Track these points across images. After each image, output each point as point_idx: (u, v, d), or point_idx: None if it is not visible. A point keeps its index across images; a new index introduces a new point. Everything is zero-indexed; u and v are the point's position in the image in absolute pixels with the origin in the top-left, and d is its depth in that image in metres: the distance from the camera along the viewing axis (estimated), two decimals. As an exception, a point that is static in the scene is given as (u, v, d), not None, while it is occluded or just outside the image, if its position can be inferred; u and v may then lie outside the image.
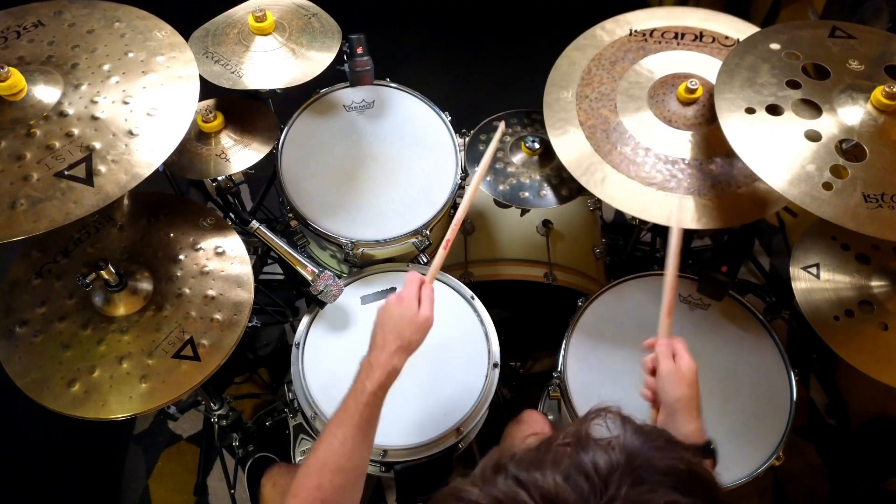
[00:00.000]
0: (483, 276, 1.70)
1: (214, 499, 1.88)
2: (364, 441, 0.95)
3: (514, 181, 1.58)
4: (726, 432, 1.30)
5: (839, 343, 1.30)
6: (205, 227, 1.35)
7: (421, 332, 1.04)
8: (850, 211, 1.05)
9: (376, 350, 1.01)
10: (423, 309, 1.04)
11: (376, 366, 0.99)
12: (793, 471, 1.91)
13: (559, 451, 0.52)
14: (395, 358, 1.00)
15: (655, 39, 1.50)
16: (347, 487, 0.92)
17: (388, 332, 1.02)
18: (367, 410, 0.96)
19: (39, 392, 1.13)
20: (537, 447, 0.53)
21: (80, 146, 1.04)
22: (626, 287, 1.49)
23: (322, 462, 0.92)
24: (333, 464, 0.92)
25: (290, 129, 1.58)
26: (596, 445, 0.51)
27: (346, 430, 0.94)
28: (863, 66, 1.22)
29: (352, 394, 0.98)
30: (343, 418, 0.95)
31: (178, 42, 1.21)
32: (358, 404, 0.96)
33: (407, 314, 1.03)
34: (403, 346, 1.01)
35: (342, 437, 0.93)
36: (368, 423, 0.96)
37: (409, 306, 1.04)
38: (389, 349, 1.00)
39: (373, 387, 0.96)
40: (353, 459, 0.93)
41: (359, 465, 0.95)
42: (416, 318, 1.03)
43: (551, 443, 0.53)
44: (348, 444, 0.93)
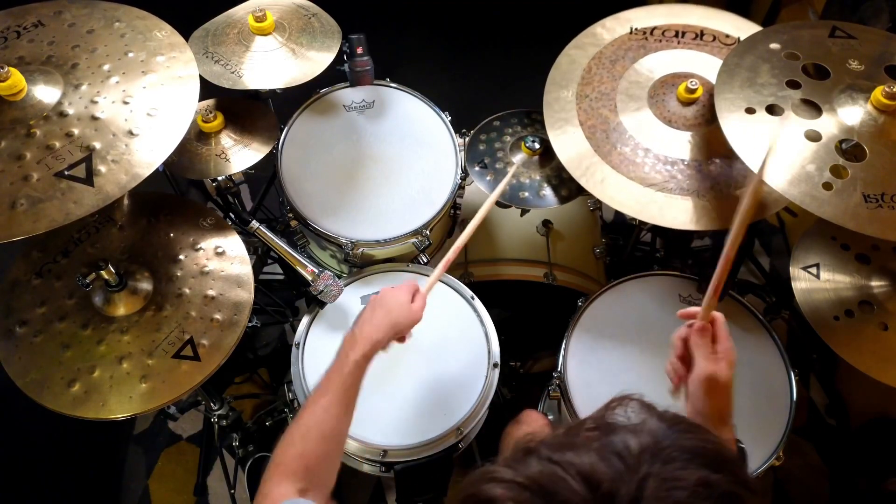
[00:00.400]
0: (483, 276, 1.70)
1: (214, 499, 1.88)
2: (346, 410, 0.97)
3: (514, 181, 1.58)
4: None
5: (839, 343, 1.30)
6: (205, 227, 1.35)
7: (409, 318, 1.07)
8: (850, 211, 1.05)
9: (362, 323, 1.04)
10: (416, 302, 1.09)
11: (360, 337, 1.01)
12: (793, 471, 1.91)
13: (587, 435, 0.53)
14: (379, 332, 1.02)
15: (656, 38, 1.49)
16: (330, 456, 0.94)
17: (377, 308, 1.05)
18: (350, 379, 0.98)
19: (39, 392, 1.14)
20: (565, 432, 0.54)
21: (80, 146, 1.04)
22: (626, 287, 1.49)
23: (305, 429, 0.93)
24: (317, 431, 0.93)
25: (290, 129, 1.58)
26: (623, 430, 0.52)
27: (329, 398, 0.95)
28: (863, 66, 1.22)
29: (335, 364, 1.00)
30: (326, 387, 0.97)
31: (178, 42, 1.21)
32: (341, 374, 0.97)
33: (400, 298, 1.07)
34: (390, 323, 1.04)
35: (325, 405, 0.95)
36: (351, 392, 0.98)
37: (404, 295, 1.08)
38: (375, 322, 1.03)
39: (356, 357, 0.98)
40: (336, 427, 0.95)
41: (341, 432, 0.97)
42: (409, 305, 1.07)
43: (579, 428, 0.54)
44: (331, 411, 0.95)
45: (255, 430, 1.89)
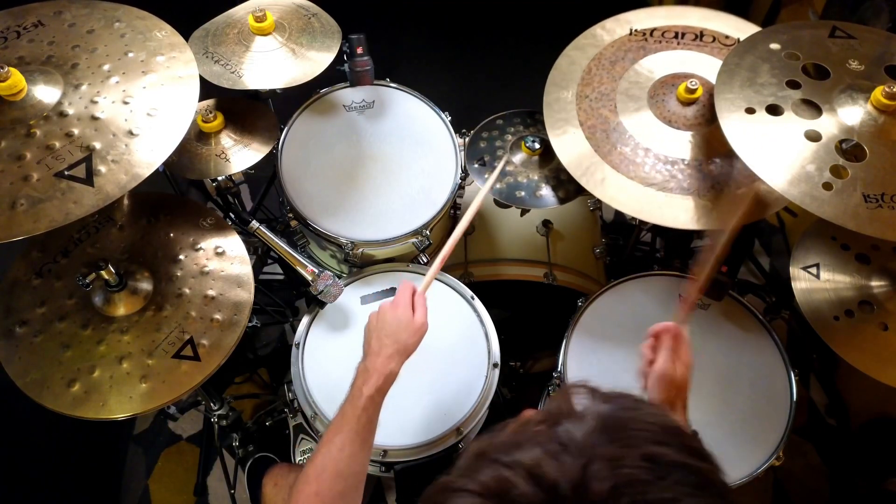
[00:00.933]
0: (483, 276, 1.70)
1: (214, 499, 1.88)
2: (363, 447, 0.95)
3: (514, 181, 1.58)
4: (726, 432, 1.29)
5: (839, 343, 1.30)
6: (205, 227, 1.35)
7: (416, 336, 1.04)
8: (850, 211, 1.05)
9: (372, 355, 1.01)
10: (418, 315, 1.05)
11: (372, 371, 0.99)
12: (793, 471, 1.91)
13: (535, 430, 0.53)
14: (391, 362, 1.00)
15: (656, 39, 1.50)
16: (346, 493, 0.92)
17: (383, 337, 1.02)
18: (365, 416, 0.96)
19: (39, 392, 1.14)
20: (514, 431, 0.54)
21: (80, 146, 1.04)
22: (626, 287, 1.49)
23: (321, 468, 0.92)
24: (332, 470, 0.91)
25: (290, 129, 1.58)
26: (569, 418, 0.53)
27: (343, 437, 0.94)
28: (863, 66, 1.22)
29: (349, 399, 0.98)
30: (341, 424, 0.95)
31: (178, 42, 1.21)
32: (355, 409, 0.96)
33: (402, 318, 1.04)
34: (399, 350, 1.01)
35: (340, 444, 0.93)
36: (366, 428, 0.96)
37: (404, 312, 1.04)
38: (385, 353, 1.00)
39: (370, 391, 0.96)
40: (352, 465, 0.93)
41: (358, 470, 0.95)
42: (412, 322, 1.04)
43: (527, 424, 0.55)
44: (346, 449, 0.93)
45: (255, 430, 1.89)
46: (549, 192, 1.56)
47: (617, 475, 0.46)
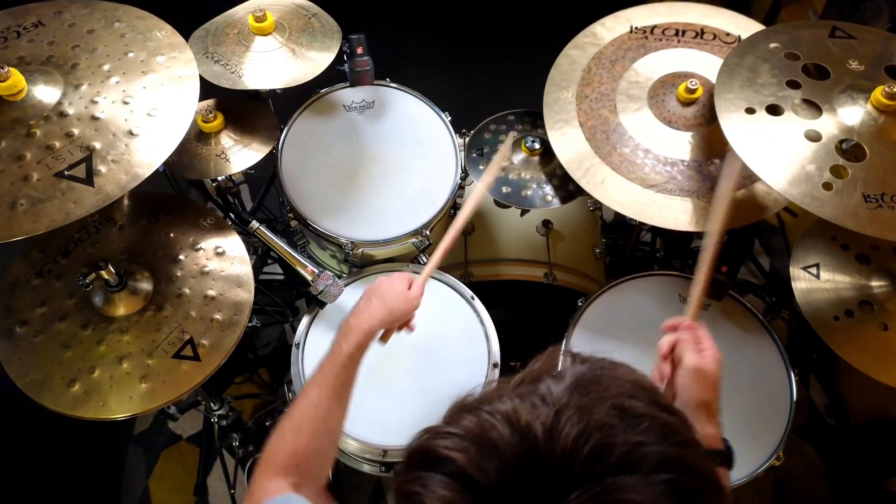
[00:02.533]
0: (483, 276, 1.70)
1: (214, 499, 1.88)
2: (339, 404, 0.94)
3: (514, 181, 1.57)
4: (726, 432, 1.29)
5: (839, 343, 1.30)
6: (205, 227, 1.35)
7: (405, 305, 1.06)
8: (850, 211, 1.05)
9: (356, 311, 1.02)
10: (414, 288, 1.08)
11: (354, 327, 0.99)
12: (793, 471, 1.91)
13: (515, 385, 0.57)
14: (373, 320, 1.00)
15: (656, 37, 1.49)
16: (322, 452, 0.91)
17: (372, 296, 1.04)
18: (344, 372, 0.95)
19: (39, 392, 1.14)
20: (497, 387, 0.58)
21: (80, 146, 1.04)
22: (626, 287, 1.49)
23: (297, 425, 0.90)
24: (308, 427, 0.90)
25: (290, 129, 1.58)
26: (549, 378, 0.55)
27: (321, 392, 0.92)
28: (863, 66, 1.22)
29: (329, 356, 0.97)
30: (319, 380, 0.94)
31: (178, 42, 1.21)
32: (335, 366, 0.95)
33: (396, 286, 1.06)
34: (386, 310, 1.02)
35: (317, 400, 0.92)
36: (344, 385, 0.95)
37: (400, 282, 1.07)
38: (370, 311, 1.02)
39: (349, 348, 0.96)
40: (329, 423, 0.92)
41: (333, 428, 0.94)
42: (404, 292, 1.06)
43: (509, 381, 0.58)
44: (323, 406, 0.92)
45: (255, 430, 1.89)
46: (549, 192, 1.56)
47: (587, 420, 0.49)
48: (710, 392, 0.89)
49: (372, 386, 1.33)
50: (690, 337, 0.92)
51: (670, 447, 0.50)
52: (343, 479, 1.80)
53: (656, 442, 0.49)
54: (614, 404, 0.51)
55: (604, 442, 0.48)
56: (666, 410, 0.53)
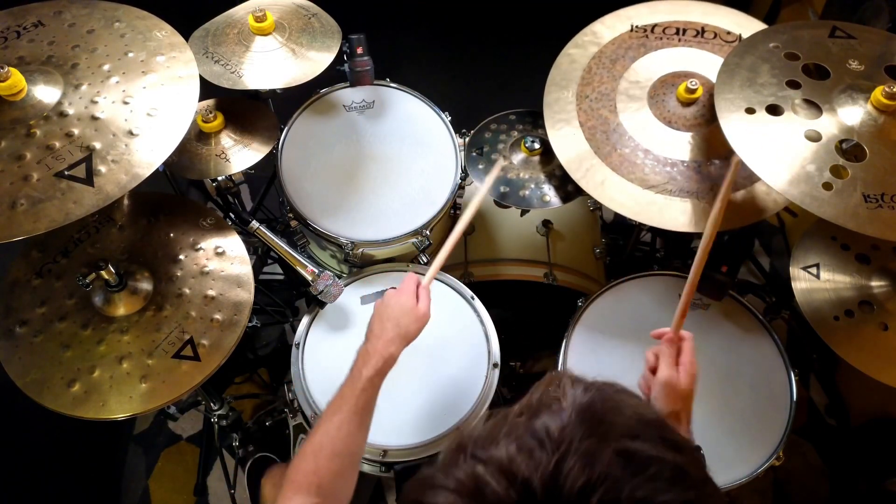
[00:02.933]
0: (483, 276, 1.70)
1: (214, 499, 1.88)
2: (360, 427, 0.97)
3: (512, 180, 1.57)
4: (726, 432, 1.29)
5: (839, 343, 1.30)
6: (205, 227, 1.35)
7: (418, 324, 1.07)
8: (850, 211, 1.05)
9: (373, 338, 1.03)
10: (421, 303, 1.08)
11: (373, 353, 1.01)
12: (793, 471, 1.91)
13: (514, 422, 0.53)
14: (391, 346, 1.02)
15: (657, 35, 1.49)
16: (343, 473, 0.93)
17: (385, 321, 1.05)
18: (364, 397, 0.97)
19: (39, 392, 1.14)
20: (494, 423, 0.55)
21: (80, 146, 1.04)
22: (626, 287, 1.49)
23: (318, 447, 0.93)
24: (329, 449, 0.92)
25: (290, 129, 1.58)
26: (547, 410, 0.53)
27: (342, 416, 0.95)
28: (863, 66, 1.22)
29: (348, 381, 1.00)
30: (339, 404, 0.97)
31: (178, 42, 1.21)
32: (354, 391, 0.97)
33: (405, 304, 1.07)
34: (401, 335, 1.03)
35: (338, 423, 0.94)
36: (365, 409, 0.97)
37: (408, 299, 1.07)
38: (387, 337, 1.03)
39: (369, 373, 0.98)
40: (349, 445, 0.95)
41: (354, 451, 0.96)
42: (415, 309, 1.07)
43: (507, 417, 0.55)
44: (344, 429, 0.94)
45: (255, 430, 1.89)
46: (548, 192, 1.56)
47: (589, 472, 0.46)
48: (678, 404, 0.93)
49: (372, 386, 1.33)
50: (669, 350, 0.97)
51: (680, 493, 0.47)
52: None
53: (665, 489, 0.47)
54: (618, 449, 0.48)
55: (609, 497, 0.45)
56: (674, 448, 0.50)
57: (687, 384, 0.95)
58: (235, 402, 1.87)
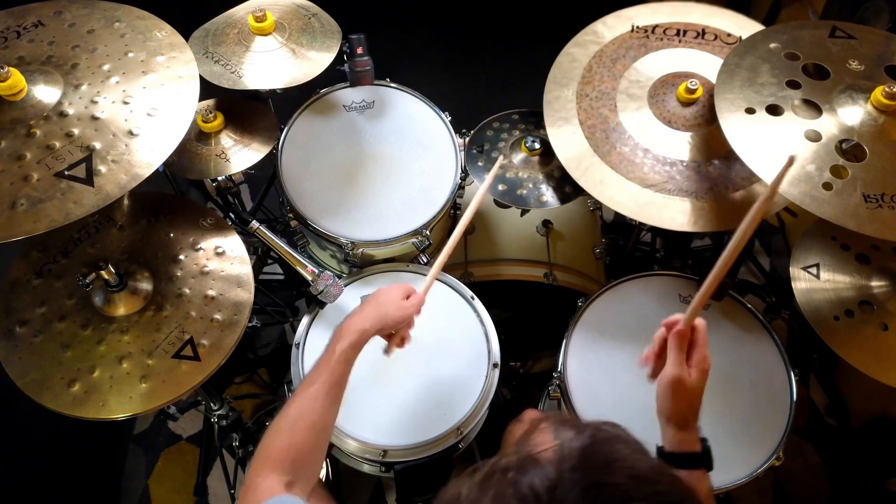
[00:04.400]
0: (483, 276, 1.70)
1: (214, 499, 1.88)
2: (333, 401, 0.98)
3: (513, 181, 1.57)
4: (726, 432, 1.29)
5: (839, 343, 1.30)
6: (205, 227, 1.35)
7: (400, 312, 1.09)
8: (850, 211, 1.05)
9: (351, 315, 1.07)
10: (411, 299, 1.12)
11: (347, 328, 1.03)
12: (793, 471, 1.91)
13: (501, 481, 0.52)
14: (366, 322, 1.04)
15: (657, 36, 1.49)
16: (316, 447, 0.94)
17: (368, 302, 1.09)
18: (339, 369, 0.99)
19: (39, 392, 1.13)
20: (481, 481, 0.53)
21: (80, 146, 1.04)
22: (626, 287, 1.49)
23: (293, 421, 0.94)
24: (304, 422, 0.94)
25: (290, 129, 1.58)
26: (534, 466, 0.51)
27: (317, 388, 0.97)
28: (863, 66, 1.22)
29: (323, 356, 1.02)
30: (314, 378, 0.98)
31: (178, 42, 1.21)
32: (329, 364, 0.99)
33: (392, 294, 1.10)
34: (379, 315, 1.06)
35: (312, 396, 0.96)
36: (338, 383, 0.99)
37: (397, 291, 1.11)
38: (364, 314, 1.06)
39: (343, 347, 1.00)
40: (324, 417, 0.96)
41: (328, 424, 0.98)
42: (399, 300, 1.10)
43: (493, 473, 0.53)
44: (318, 402, 0.96)
45: (255, 430, 1.88)
46: (548, 191, 1.56)
47: None
48: (685, 404, 0.88)
49: (372, 386, 1.33)
50: (677, 344, 0.89)
51: None
52: (343, 479, 1.80)
53: None
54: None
55: None
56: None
57: (697, 380, 0.88)
58: (235, 402, 1.87)
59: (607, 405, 1.33)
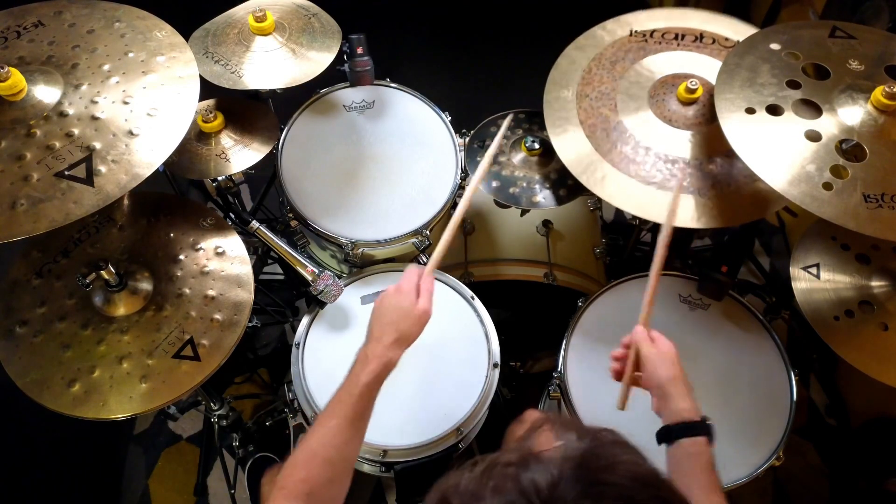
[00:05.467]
0: (483, 276, 1.70)
1: (214, 499, 1.88)
2: (355, 434, 0.94)
3: (513, 181, 1.57)
4: (726, 432, 1.29)
5: (839, 343, 1.30)
6: (205, 227, 1.35)
7: (418, 325, 1.03)
8: (850, 211, 1.05)
9: (373, 342, 1.00)
10: (422, 301, 1.03)
11: (372, 357, 0.97)
12: (793, 471, 1.91)
13: (502, 474, 0.51)
14: (391, 350, 0.99)
15: (656, 40, 1.50)
16: (335, 480, 0.91)
17: (385, 324, 1.01)
18: (361, 403, 0.95)
19: (39, 392, 1.14)
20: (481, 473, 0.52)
21: (80, 146, 1.04)
22: (626, 287, 1.49)
23: (311, 453, 0.91)
24: (323, 455, 0.90)
25: (290, 129, 1.58)
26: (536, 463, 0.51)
27: (338, 422, 0.93)
28: (863, 66, 1.22)
29: (346, 385, 0.97)
30: (336, 409, 0.94)
31: (179, 42, 1.21)
32: (351, 396, 0.94)
33: (405, 305, 1.02)
34: (400, 339, 1.00)
35: (334, 429, 0.92)
36: (361, 415, 0.95)
37: (407, 297, 1.03)
38: (386, 341, 0.99)
39: (367, 379, 0.95)
40: (343, 452, 0.92)
41: (348, 457, 0.94)
42: (414, 309, 1.02)
43: (494, 466, 0.53)
44: (339, 436, 0.92)
45: (255, 430, 1.89)
46: (548, 191, 1.56)
47: None
48: (675, 367, 1.00)
49: (372, 386, 1.33)
50: (641, 336, 1.05)
51: None
52: (343, 479, 1.80)
53: None
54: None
55: None
56: None
57: (670, 349, 1.02)
58: (235, 402, 1.87)
59: (607, 405, 1.32)
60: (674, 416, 0.95)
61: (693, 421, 0.94)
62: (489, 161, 1.20)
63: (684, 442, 0.93)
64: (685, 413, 0.95)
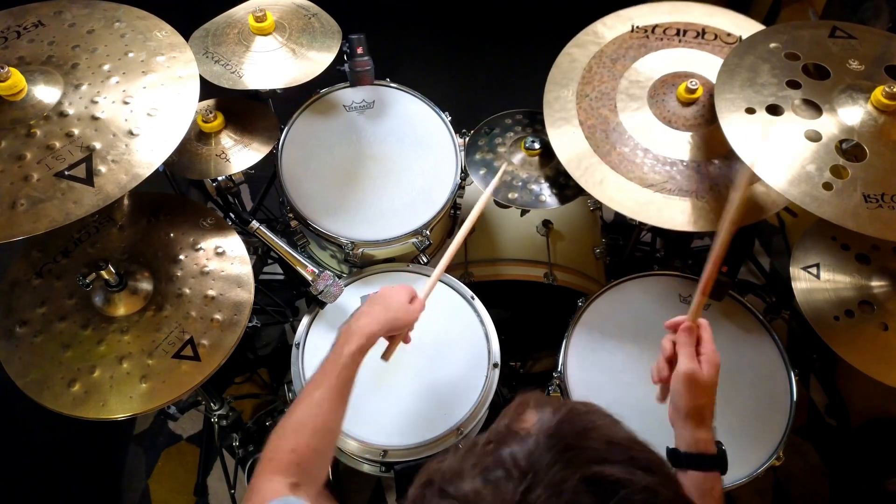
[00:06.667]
0: (483, 276, 1.70)
1: (214, 499, 1.88)
2: (340, 404, 0.97)
3: (513, 181, 1.57)
4: (726, 432, 1.28)
5: (839, 343, 1.30)
6: (205, 227, 1.35)
7: (406, 315, 1.09)
8: (850, 211, 1.05)
9: (358, 316, 1.05)
10: (414, 303, 1.11)
11: (355, 330, 1.01)
12: (793, 471, 1.92)
13: (482, 452, 0.53)
14: (374, 325, 1.03)
15: (657, 36, 1.49)
16: (321, 451, 0.93)
17: (375, 303, 1.07)
18: (345, 373, 0.97)
19: (39, 392, 1.14)
20: (463, 453, 0.54)
21: (80, 146, 1.04)
22: (626, 287, 1.49)
23: (298, 423, 0.92)
24: (310, 425, 0.92)
25: (290, 129, 1.58)
26: (514, 438, 0.52)
27: (322, 392, 0.95)
28: (863, 66, 1.22)
29: (330, 358, 1.00)
30: (321, 380, 0.97)
31: (179, 42, 1.21)
32: (336, 367, 0.97)
33: (398, 296, 1.09)
34: (387, 318, 1.05)
35: (319, 399, 0.94)
36: (345, 385, 0.98)
37: (402, 292, 1.10)
38: (372, 316, 1.04)
39: (350, 350, 0.98)
40: (330, 422, 0.95)
41: (334, 427, 0.96)
42: (406, 303, 1.09)
43: (475, 446, 0.54)
44: (325, 405, 0.94)
45: (255, 430, 1.89)
46: (548, 192, 1.56)
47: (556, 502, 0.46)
48: (703, 398, 0.89)
49: (372, 386, 1.33)
50: (687, 339, 0.92)
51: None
52: (343, 479, 1.80)
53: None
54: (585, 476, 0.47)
55: None
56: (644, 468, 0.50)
57: (710, 375, 0.89)
58: (235, 402, 1.87)
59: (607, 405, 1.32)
60: (689, 444, 0.89)
61: (709, 454, 0.89)
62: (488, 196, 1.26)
63: (697, 474, 0.88)
64: (701, 445, 0.89)
